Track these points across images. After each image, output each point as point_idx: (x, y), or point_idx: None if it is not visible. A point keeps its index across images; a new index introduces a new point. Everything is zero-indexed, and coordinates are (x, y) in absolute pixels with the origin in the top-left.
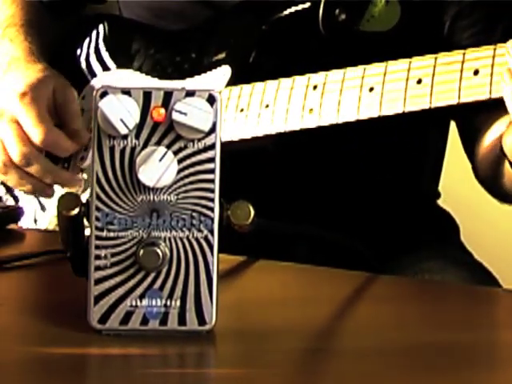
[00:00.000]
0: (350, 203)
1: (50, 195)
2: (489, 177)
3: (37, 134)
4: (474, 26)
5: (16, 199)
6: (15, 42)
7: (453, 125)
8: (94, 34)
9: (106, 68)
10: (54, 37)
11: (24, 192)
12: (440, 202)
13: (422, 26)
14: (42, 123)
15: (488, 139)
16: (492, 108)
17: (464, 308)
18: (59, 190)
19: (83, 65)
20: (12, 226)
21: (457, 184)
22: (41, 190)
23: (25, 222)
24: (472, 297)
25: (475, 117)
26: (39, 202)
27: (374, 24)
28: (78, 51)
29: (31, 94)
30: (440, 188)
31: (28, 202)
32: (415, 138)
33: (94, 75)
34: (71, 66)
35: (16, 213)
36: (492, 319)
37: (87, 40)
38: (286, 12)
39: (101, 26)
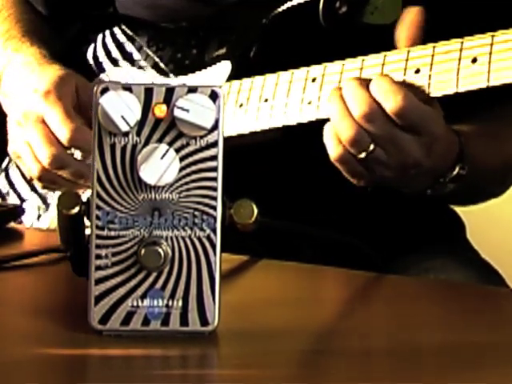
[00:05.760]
0: (354, 202)
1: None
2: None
3: (64, 133)
4: None
5: (20, 198)
6: (21, 50)
7: None
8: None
9: (115, 63)
10: (55, 47)
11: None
12: None
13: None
14: (69, 121)
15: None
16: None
17: (471, 308)
18: None
19: (91, 62)
20: (13, 225)
21: None
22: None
23: (27, 222)
24: (479, 297)
25: None
26: (42, 201)
27: (378, 16)
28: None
29: (55, 92)
30: None
31: (31, 201)
32: None
33: (102, 70)
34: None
35: (15, 211)
36: (501, 320)
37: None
38: (286, 6)
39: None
